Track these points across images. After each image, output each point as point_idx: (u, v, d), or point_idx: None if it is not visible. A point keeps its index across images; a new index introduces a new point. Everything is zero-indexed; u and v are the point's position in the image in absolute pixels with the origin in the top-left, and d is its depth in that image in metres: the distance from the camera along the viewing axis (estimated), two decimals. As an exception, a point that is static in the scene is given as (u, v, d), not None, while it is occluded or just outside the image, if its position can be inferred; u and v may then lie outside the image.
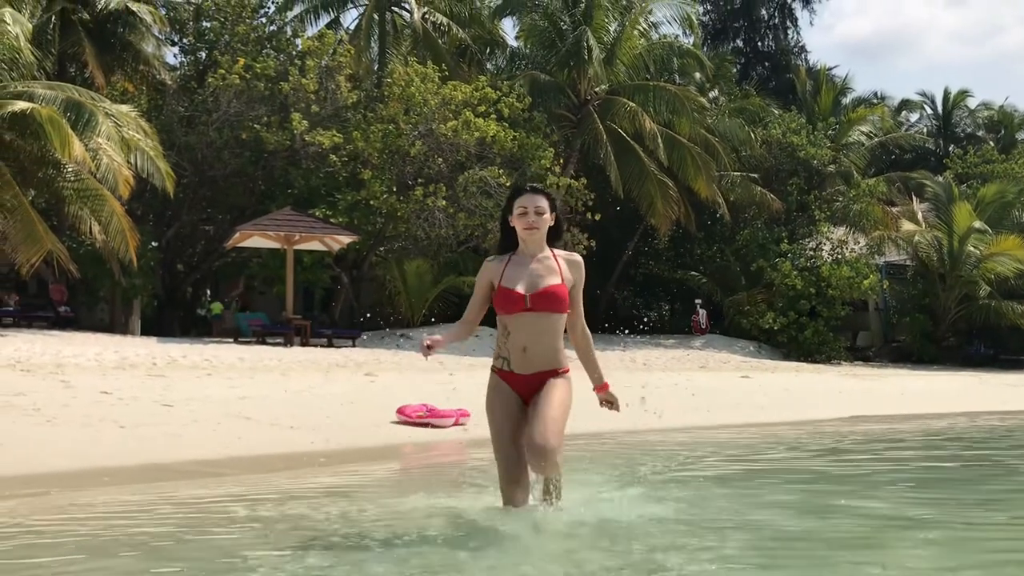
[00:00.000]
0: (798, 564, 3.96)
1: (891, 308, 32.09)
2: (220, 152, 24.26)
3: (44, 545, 4.36)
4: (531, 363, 4.46)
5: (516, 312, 4.43)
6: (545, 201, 4.58)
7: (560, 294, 4.46)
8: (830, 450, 9.40)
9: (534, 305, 4.42)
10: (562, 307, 4.47)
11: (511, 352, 4.48)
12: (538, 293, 4.44)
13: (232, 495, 5.99)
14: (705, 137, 27.94)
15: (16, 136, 18.57)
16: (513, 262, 4.56)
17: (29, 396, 9.95)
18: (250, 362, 16.20)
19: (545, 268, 4.52)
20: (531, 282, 4.48)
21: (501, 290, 4.49)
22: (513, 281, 4.49)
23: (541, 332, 4.45)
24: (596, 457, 7.99)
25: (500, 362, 4.54)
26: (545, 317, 4.45)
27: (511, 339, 4.48)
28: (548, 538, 4.23)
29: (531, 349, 4.45)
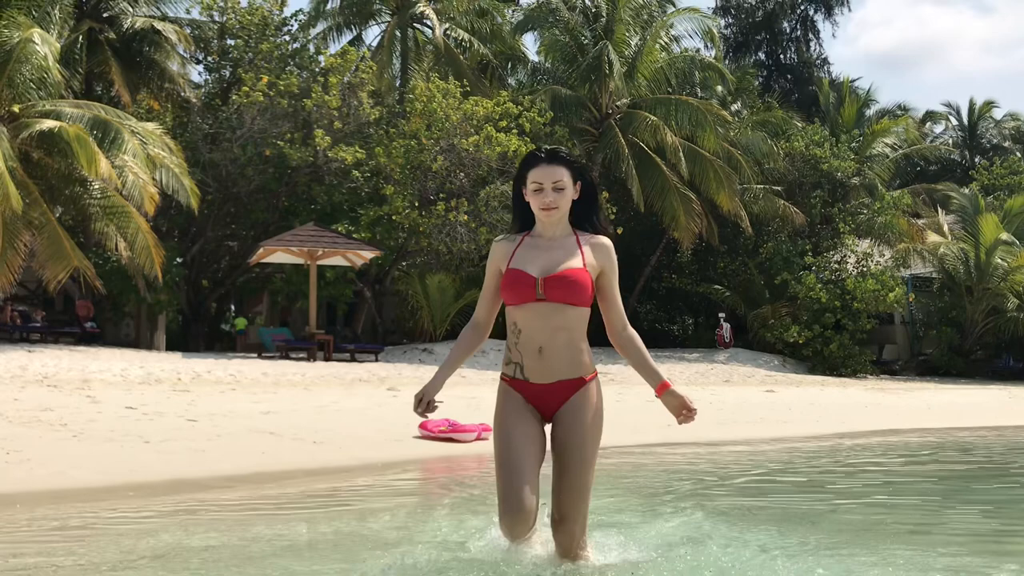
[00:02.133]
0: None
1: (917, 321, 31.77)
2: (244, 169, 24.47)
3: (66, 556, 4.37)
4: (550, 368, 3.63)
5: (527, 302, 3.61)
6: (566, 172, 3.70)
7: (580, 280, 3.62)
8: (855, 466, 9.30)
9: (548, 292, 3.59)
10: (583, 297, 3.62)
11: (524, 355, 3.65)
12: (554, 276, 3.61)
13: (254, 508, 5.99)
14: (727, 150, 27.87)
15: (44, 154, 18.82)
16: (526, 243, 3.76)
17: (56, 411, 10.03)
18: (273, 377, 16.26)
19: (564, 251, 3.70)
20: (546, 264, 3.65)
21: (509, 272, 3.69)
22: (524, 262, 3.68)
23: (559, 327, 3.62)
24: (621, 479, 7.93)
25: (511, 369, 3.72)
26: (562, 309, 3.61)
27: (523, 338, 3.64)
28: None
29: (549, 350, 3.62)
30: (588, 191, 3.80)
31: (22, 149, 18.31)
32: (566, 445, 3.64)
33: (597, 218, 3.83)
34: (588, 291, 3.65)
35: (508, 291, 3.66)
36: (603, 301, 3.76)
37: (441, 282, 24.63)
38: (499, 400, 3.75)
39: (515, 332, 3.68)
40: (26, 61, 18.80)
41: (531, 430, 3.65)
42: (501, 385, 3.77)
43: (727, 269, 30.66)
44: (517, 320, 3.66)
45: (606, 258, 3.74)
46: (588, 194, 3.81)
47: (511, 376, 3.72)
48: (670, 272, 31.43)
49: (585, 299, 3.64)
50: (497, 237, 3.93)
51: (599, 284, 3.73)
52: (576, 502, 3.59)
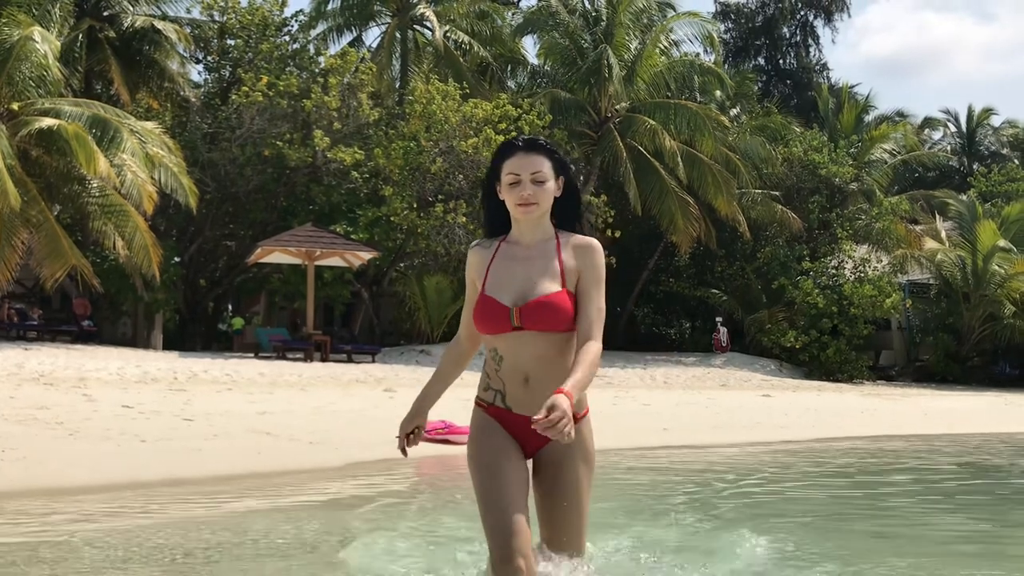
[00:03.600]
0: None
1: (914, 327, 31.81)
2: (243, 168, 24.47)
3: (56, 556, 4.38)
4: (537, 400, 3.02)
5: (502, 332, 3.16)
6: (546, 162, 3.20)
7: (559, 305, 3.12)
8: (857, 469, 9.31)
9: (525, 322, 3.12)
10: (564, 323, 3.14)
11: (507, 384, 3.19)
12: (529, 306, 3.12)
13: (250, 508, 5.99)
14: (726, 155, 27.89)
15: (43, 152, 18.82)
16: (502, 254, 3.26)
17: (52, 410, 10.02)
18: (270, 377, 16.26)
19: (542, 264, 3.19)
20: (521, 288, 3.16)
21: (482, 300, 3.21)
22: (497, 287, 3.20)
23: (543, 356, 3.15)
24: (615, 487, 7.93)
25: (491, 395, 3.22)
26: (544, 337, 3.14)
27: (505, 366, 3.19)
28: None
29: (536, 380, 3.14)
30: (570, 187, 3.30)
31: (21, 147, 18.31)
32: (557, 493, 3.19)
33: (580, 219, 3.34)
34: (570, 314, 3.14)
35: (481, 321, 3.20)
36: (578, 307, 3.17)
37: (439, 284, 24.63)
38: (475, 431, 3.23)
39: (496, 359, 3.21)
40: (26, 59, 18.80)
41: (517, 466, 3.16)
42: (476, 413, 3.25)
43: (725, 273, 30.68)
44: (497, 347, 3.20)
45: (588, 261, 3.21)
46: (570, 191, 3.30)
47: (489, 403, 3.22)
48: (668, 276, 31.45)
49: (567, 324, 3.14)
50: (473, 242, 3.41)
51: (578, 290, 3.18)
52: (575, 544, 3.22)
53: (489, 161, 3.32)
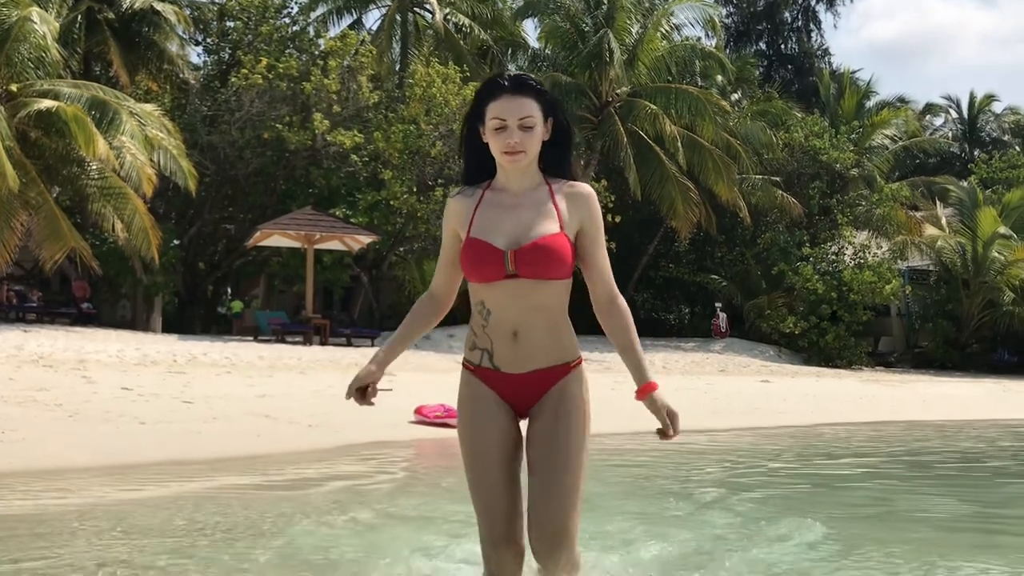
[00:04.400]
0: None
1: (913, 314, 31.82)
2: (242, 151, 24.41)
3: (60, 533, 4.39)
4: (526, 356, 2.94)
5: (494, 280, 2.90)
6: (535, 105, 2.92)
7: (558, 248, 2.89)
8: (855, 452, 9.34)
9: (520, 268, 2.87)
10: (562, 269, 2.91)
11: (494, 340, 2.95)
12: (525, 249, 2.87)
13: (246, 486, 6.01)
14: (727, 140, 27.83)
15: (42, 134, 18.75)
16: (488, 201, 2.99)
17: (52, 391, 10.04)
18: (269, 360, 16.27)
19: (535, 209, 2.94)
20: (515, 231, 2.91)
21: (470, 244, 2.94)
22: (487, 230, 2.93)
23: (536, 307, 2.92)
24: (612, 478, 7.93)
25: (477, 355, 3.00)
26: (539, 285, 2.90)
27: (493, 321, 2.94)
28: None
29: (525, 334, 2.92)
30: (561, 130, 3.00)
31: (19, 128, 18.24)
32: (547, 447, 2.91)
33: (571, 165, 3.07)
34: (569, 260, 2.92)
35: (471, 268, 2.93)
36: (585, 267, 3.00)
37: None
38: (463, 396, 3.03)
39: (483, 313, 2.95)
40: (24, 40, 18.71)
41: (507, 435, 2.97)
42: (464, 376, 3.05)
43: (724, 259, 30.67)
44: (485, 300, 2.94)
45: (586, 211, 2.97)
46: (561, 134, 3.01)
47: (476, 364, 3.00)
48: (667, 261, 31.44)
49: (565, 271, 2.92)
50: (453, 191, 3.11)
51: (579, 245, 2.97)
52: (563, 517, 2.86)
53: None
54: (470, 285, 2.98)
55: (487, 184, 3.03)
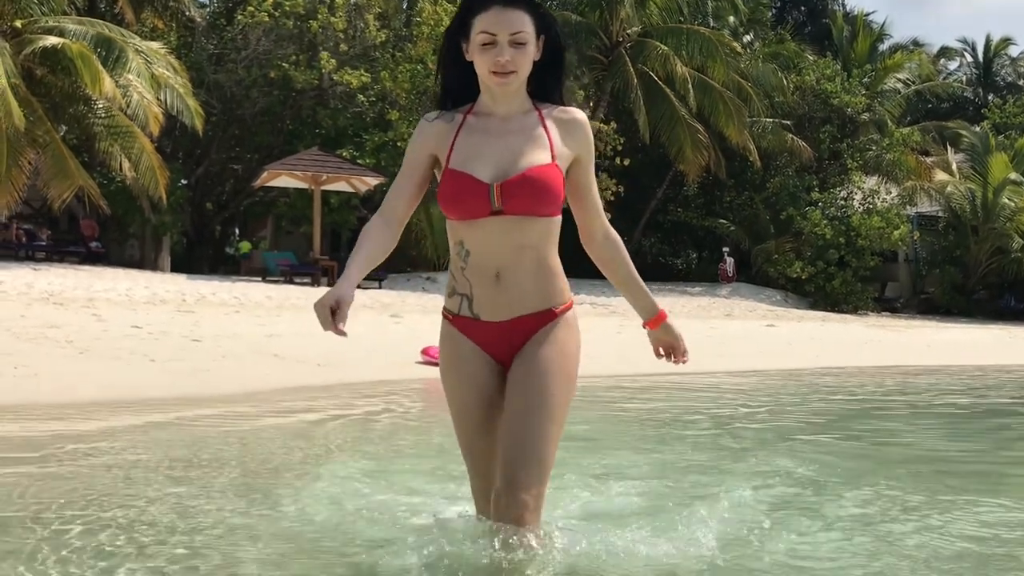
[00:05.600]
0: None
1: (921, 260, 31.77)
2: (248, 91, 24.26)
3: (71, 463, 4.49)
4: (509, 300, 2.65)
5: (478, 217, 2.59)
6: (528, 19, 2.59)
7: (550, 181, 2.59)
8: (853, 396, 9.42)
9: (507, 203, 2.57)
10: (553, 204, 2.62)
11: (474, 283, 2.65)
12: (513, 181, 2.56)
13: (251, 416, 6.11)
14: (738, 82, 27.53)
15: (48, 72, 18.65)
16: (469, 127, 2.66)
17: (62, 329, 10.14)
18: (278, 300, 16.36)
19: (523, 137, 2.63)
20: (501, 161, 2.59)
21: (450, 177, 2.62)
22: (470, 160, 2.61)
23: (522, 246, 2.62)
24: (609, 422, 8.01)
25: (456, 303, 2.71)
26: (527, 222, 2.60)
27: (472, 262, 2.63)
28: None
29: (509, 275, 2.63)
30: (554, 50, 2.68)
31: (25, 66, 18.14)
32: (521, 385, 2.63)
33: (562, 89, 2.74)
34: (560, 195, 2.63)
35: (452, 204, 2.62)
36: (576, 200, 2.74)
37: (445, 210, 24.53)
38: (443, 354, 2.77)
39: (461, 254, 2.66)
40: (28, -25, 18.51)
41: (491, 397, 2.70)
42: (444, 328, 2.77)
43: (733, 203, 30.55)
44: (464, 239, 2.64)
45: (581, 140, 2.70)
46: (554, 54, 2.69)
47: (455, 313, 2.71)
48: (676, 205, 31.32)
49: (556, 206, 2.63)
50: (427, 115, 2.74)
51: (571, 177, 2.69)
52: (528, 462, 2.53)
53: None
54: (448, 223, 2.68)
55: (468, 108, 2.69)
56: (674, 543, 2.98)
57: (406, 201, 2.71)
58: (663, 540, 3.00)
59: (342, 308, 2.42)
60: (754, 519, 3.51)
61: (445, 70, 2.72)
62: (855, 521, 3.62)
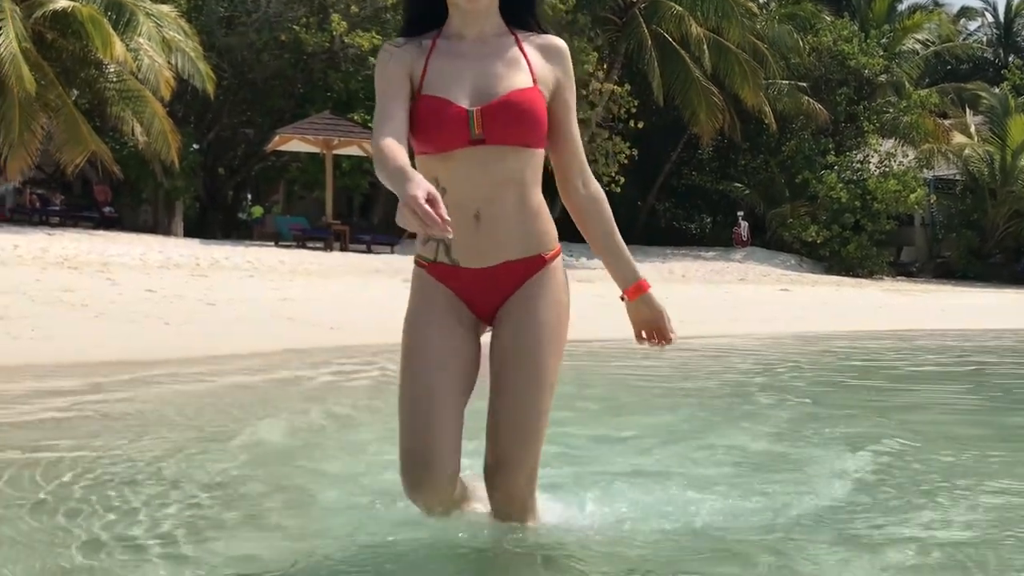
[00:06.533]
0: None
1: (938, 223, 31.53)
2: (259, 54, 24.13)
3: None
4: (491, 244, 2.37)
5: (455, 148, 2.32)
6: None
7: (533, 105, 2.34)
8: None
9: (488, 130, 2.30)
10: (538, 132, 2.36)
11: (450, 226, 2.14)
12: (494, 105, 2.31)
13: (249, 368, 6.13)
14: (753, 43, 27.20)
15: (58, 35, 18.58)
16: (440, 50, 2.39)
17: (77, 292, 10.17)
18: (290, 265, 16.38)
19: (500, 59, 2.37)
20: (479, 83, 2.34)
21: (424, 102, 2.33)
22: (443, 85, 2.34)
23: (504, 181, 2.35)
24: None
25: (432, 249, 2.42)
26: (509, 153, 2.34)
27: (449, 201, 2.19)
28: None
29: (490, 215, 2.35)
30: None
31: (35, 30, 18.06)
32: (512, 354, 2.39)
33: (540, 13, 2.48)
34: (544, 123, 2.37)
35: (427, 133, 2.33)
36: (555, 140, 2.44)
37: (458, 174, 24.42)
38: (412, 297, 2.47)
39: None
40: (37, -63, 18.37)
41: (457, 343, 2.41)
42: (416, 273, 2.48)
43: (748, 167, 30.32)
44: (439, 175, 2.34)
45: (562, 68, 2.42)
46: None
47: (431, 260, 2.43)
48: (690, 169, 31.12)
49: (541, 135, 2.38)
50: (391, 41, 2.47)
51: (551, 110, 2.40)
52: (522, 439, 2.37)
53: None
54: (419, 160, 2.38)
55: (436, 32, 2.42)
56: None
57: (402, 124, 2.30)
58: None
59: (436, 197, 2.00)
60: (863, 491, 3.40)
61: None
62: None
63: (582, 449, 4.07)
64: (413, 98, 2.35)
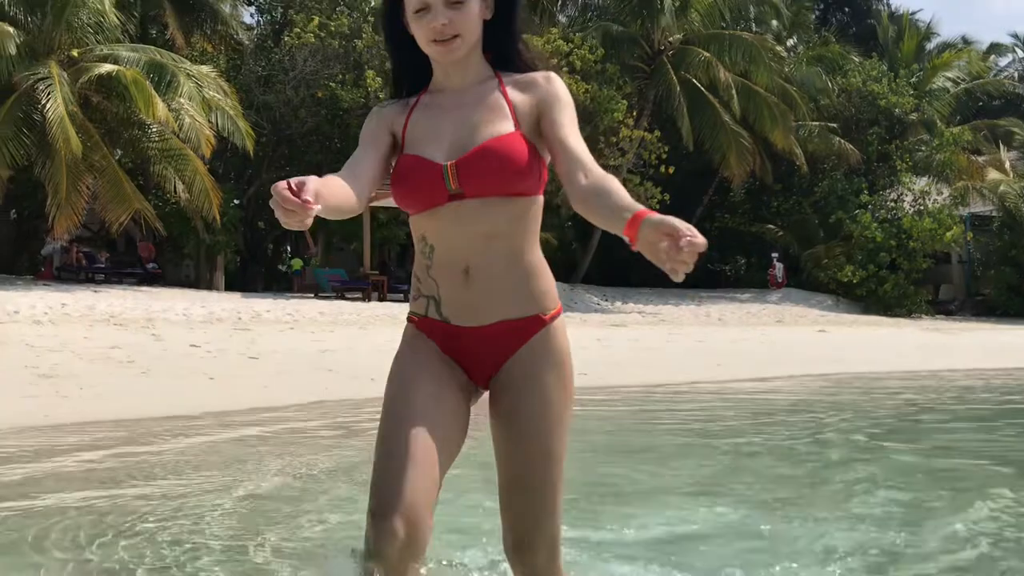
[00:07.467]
0: None
1: (975, 261, 31.22)
2: (297, 111, 24.69)
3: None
4: (483, 301, 2.22)
5: (436, 205, 2.20)
6: None
7: (512, 152, 2.17)
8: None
9: (467, 184, 2.17)
10: (522, 180, 2.19)
11: (440, 284, 2.23)
12: (468, 157, 2.16)
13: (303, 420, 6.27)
14: (782, 86, 27.37)
15: (103, 98, 19.19)
16: (423, 106, 2.28)
17: (124, 349, 10.44)
18: (330, 316, 16.62)
19: (480, 106, 2.23)
20: (457, 135, 2.20)
21: (401, 161, 2.25)
22: (422, 141, 2.23)
23: (492, 234, 2.20)
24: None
25: (422, 305, 2.28)
26: (494, 205, 2.18)
27: (438, 258, 2.23)
28: None
29: (479, 270, 2.21)
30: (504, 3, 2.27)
31: (82, 93, 18.68)
32: (516, 428, 2.23)
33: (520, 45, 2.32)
34: (528, 168, 2.18)
35: (405, 194, 2.24)
36: (554, 156, 2.21)
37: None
38: (400, 348, 2.30)
39: (426, 252, 2.26)
40: (83, 5, 19.06)
41: (443, 392, 2.21)
42: (406, 330, 2.33)
43: (781, 208, 30.31)
44: (426, 233, 2.25)
45: (543, 92, 2.25)
46: (505, 7, 2.27)
47: (422, 315, 2.28)
48: (723, 212, 31.15)
49: (528, 182, 2.19)
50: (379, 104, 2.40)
51: (542, 131, 2.21)
52: (536, 519, 2.25)
53: None
54: (410, 220, 2.30)
55: (423, 89, 2.31)
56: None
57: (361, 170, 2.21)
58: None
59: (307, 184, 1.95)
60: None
61: (393, 55, 2.34)
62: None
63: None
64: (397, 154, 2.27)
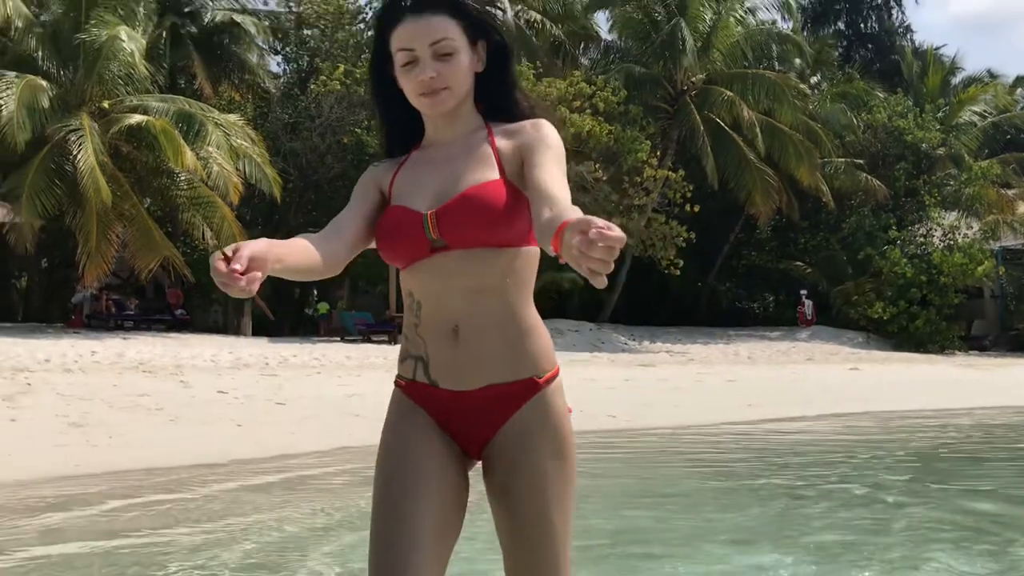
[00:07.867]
0: None
1: (1008, 295, 30.78)
2: (323, 157, 24.95)
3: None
4: (473, 363, 2.05)
5: (419, 258, 2.06)
6: (452, 23, 2.07)
7: (496, 199, 2.01)
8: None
9: (448, 233, 2.02)
10: (506, 228, 2.02)
11: (428, 344, 2.07)
12: (448, 206, 2.02)
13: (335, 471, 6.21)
14: (807, 124, 27.34)
15: (133, 148, 19.51)
16: (413, 161, 2.17)
17: (152, 396, 10.46)
18: (357, 360, 16.63)
19: (467, 156, 2.09)
20: (441, 186, 2.07)
21: (387, 213, 2.11)
22: (408, 193, 2.10)
23: (480, 292, 2.04)
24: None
25: (410, 367, 2.11)
26: (479, 258, 2.02)
27: (425, 315, 2.08)
28: None
29: (469, 330, 2.04)
30: (497, 53, 2.14)
31: (112, 143, 19.01)
32: (513, 506, 2.05)
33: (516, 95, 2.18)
34: (514, 216, 2.01)
35: (387, 247, 2.11)
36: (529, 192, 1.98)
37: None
38: (388, 416, 2.12)
39: (414, 308, 2.10)
40: (114, 58, 19.46)
41: (437, 467, 2.05)
42: (394, 396, 2.15)
43: (808, 245, 30.12)
44: (413, 289, 2.10)
45: (523, 137, 2.07)
46: (498, 59, 2.15)
47: (409, 378, 2.11)
48: (749, 249, 31.00)
49: (516, 231, 2.03)
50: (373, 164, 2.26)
51: (524, 174, 2.03)
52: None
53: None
54: (399, 276, 2.15)
55: (416, 144, 2.20)
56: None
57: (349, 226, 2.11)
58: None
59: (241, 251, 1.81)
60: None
61: (382, 111, 2.22)
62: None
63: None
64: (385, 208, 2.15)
